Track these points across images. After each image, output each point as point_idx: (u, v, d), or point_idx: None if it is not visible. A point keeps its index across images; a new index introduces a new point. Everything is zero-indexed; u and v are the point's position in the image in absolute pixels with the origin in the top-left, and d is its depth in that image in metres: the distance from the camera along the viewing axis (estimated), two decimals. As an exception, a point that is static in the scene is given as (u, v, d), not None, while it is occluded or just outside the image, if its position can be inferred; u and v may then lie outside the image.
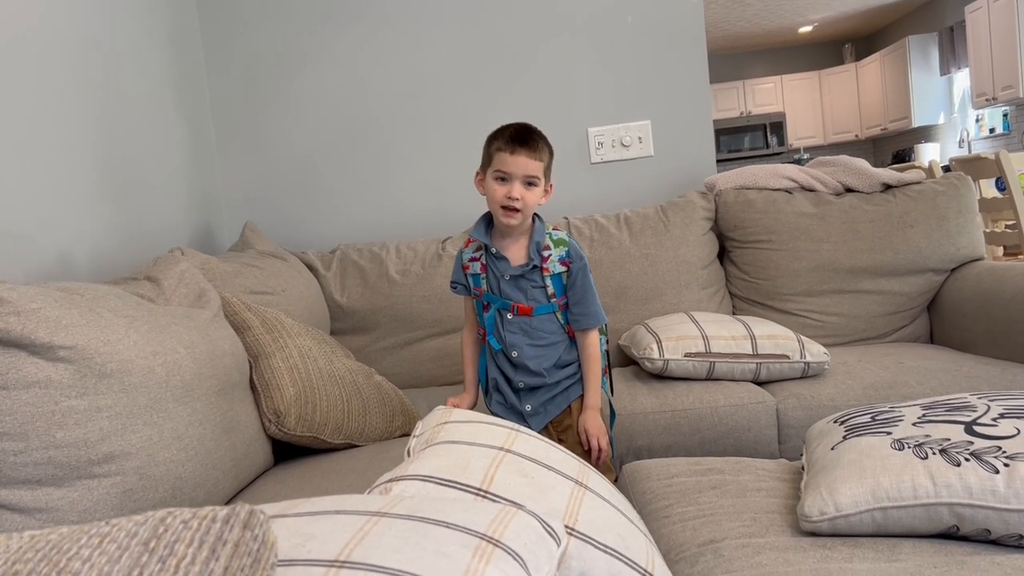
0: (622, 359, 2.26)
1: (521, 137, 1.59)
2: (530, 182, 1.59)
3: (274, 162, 2.78)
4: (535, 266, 1.64)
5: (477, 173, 1.67)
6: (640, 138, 2.75)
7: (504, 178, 1.59)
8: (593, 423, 1.65)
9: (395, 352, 2.44)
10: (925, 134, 8.26)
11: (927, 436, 1.11)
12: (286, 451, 1.74)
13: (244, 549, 0.55)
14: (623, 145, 2.75)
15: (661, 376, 2.02)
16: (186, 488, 1.33)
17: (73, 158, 1.84)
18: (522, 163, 1.57)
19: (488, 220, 1.69)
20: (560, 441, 1.67)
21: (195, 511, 0.58)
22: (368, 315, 2.44)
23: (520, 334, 1.67)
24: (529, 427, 1.65)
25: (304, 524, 0.69)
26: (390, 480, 0.87)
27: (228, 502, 1.49)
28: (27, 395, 1.12)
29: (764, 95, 9.28)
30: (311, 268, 2.48)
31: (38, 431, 1.12)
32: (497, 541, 0.67)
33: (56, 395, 1.15)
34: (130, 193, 2.09)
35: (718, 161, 4.32)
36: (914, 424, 1.15)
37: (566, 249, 1.65)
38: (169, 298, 1.59)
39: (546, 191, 1.65)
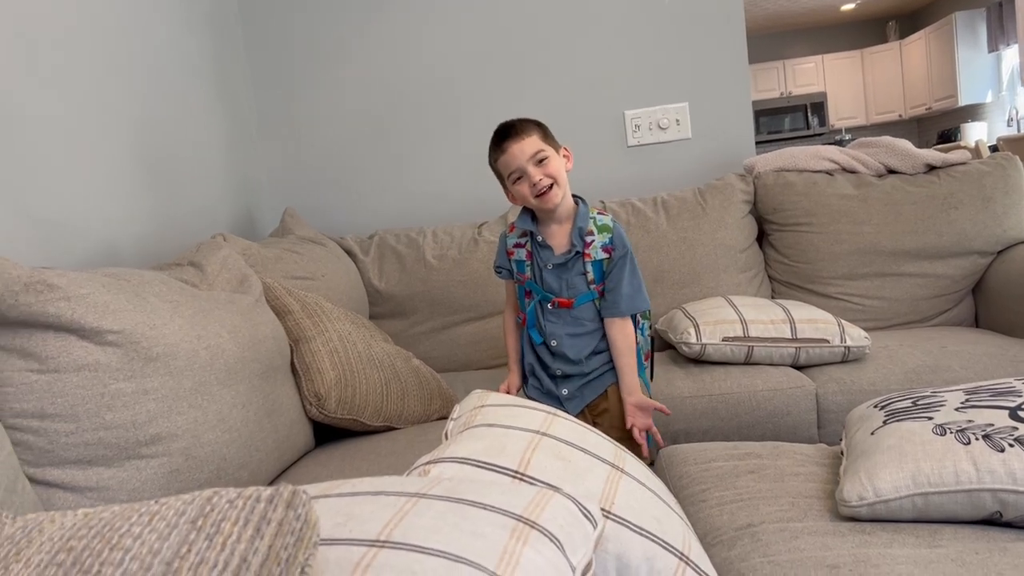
0: (659, 343, 2.24)
1: (501, 135, 1.62)
2: (539, 159, 1.59)
3: (313, 147, 2.81)
4: (577, 252, 1.64)
5: (506, 194, 1.68)
6: (678, 120, 2.73)
7: (519, 176, 1.60)
8: (640, 419, 1.64)
9: (432, 336, 2.46)
10: (972, 113, 8.04)
11: (970, 421, 1.09)
12: (326, 433, 1.77)
13: (287, 528, 0.56)
14: (660, 127, 2.73)
15: (698, 360, 2.01)
16: (230, 469, 1.36)
17: (117, 147, 1.88)
18: (516, 151, 1.59)
19: (532, 211, 1.70)
20: (595, 425, 1.68)
21: (240, 491, 0.59)
22: (406, 300, 2.46)
23: (560, 323, 1.68)
24: (566, 411, 1.67)
25: (345, 504, 0.71)
26: (428, 462, 0.89)
27: (271, 483, 1.52)
28: (77, 378, 1.16)
29: (805, 75, 9.10)
30: (350, 253, 2.50)
31: (88, 413, 1.16)
32: (534, 523, 0.68)
33: (105, 378, 1.18)
34: (172, 180, 2.13)
35: (757, 143, 4.26)
36: (957, 409, 1.13)
37: (609, 236, 1.64)
38: (212, 283, 1.62)
39: (565, 157, 1.65)
